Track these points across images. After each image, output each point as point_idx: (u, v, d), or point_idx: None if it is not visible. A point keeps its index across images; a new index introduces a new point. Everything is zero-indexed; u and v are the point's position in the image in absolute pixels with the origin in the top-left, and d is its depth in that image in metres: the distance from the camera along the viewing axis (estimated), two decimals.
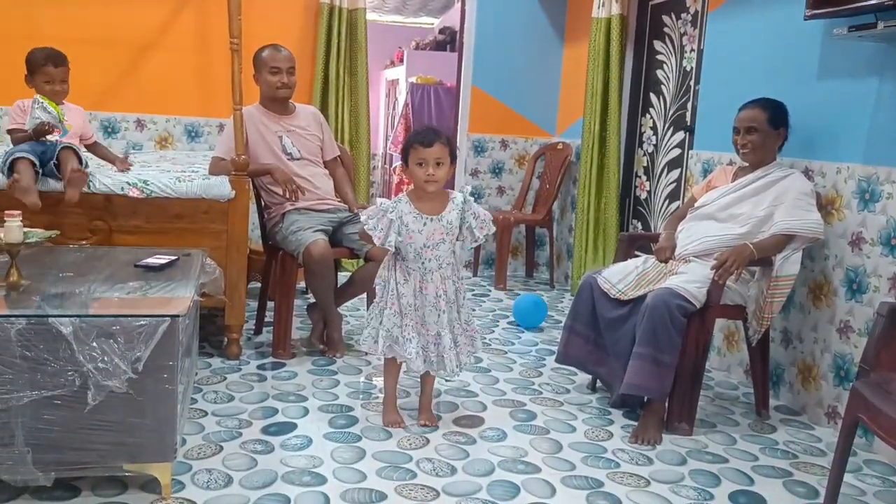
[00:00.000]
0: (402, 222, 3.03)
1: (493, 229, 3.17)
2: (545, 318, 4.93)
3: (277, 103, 4.12)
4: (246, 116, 3.94)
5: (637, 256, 3.69)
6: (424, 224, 3.03)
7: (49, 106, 3.53)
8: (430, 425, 3.20)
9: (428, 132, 3.03)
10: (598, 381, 3.73)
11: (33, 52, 3.59)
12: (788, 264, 3.27)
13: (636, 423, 3.31)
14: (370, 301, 3.93)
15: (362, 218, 3.11)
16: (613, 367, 3.44)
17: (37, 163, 3.39)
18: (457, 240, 3.12)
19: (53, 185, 3.48)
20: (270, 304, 4.25)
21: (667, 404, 3.27)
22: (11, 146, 3.53)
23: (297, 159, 4.11)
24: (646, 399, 3.30)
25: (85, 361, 2.26)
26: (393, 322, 3.09)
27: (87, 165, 3.64)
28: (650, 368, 3.13)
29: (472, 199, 3.11)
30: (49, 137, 3.48)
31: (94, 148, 3.94)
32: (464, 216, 3.07)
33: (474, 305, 5.35)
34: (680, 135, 5.06)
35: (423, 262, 3.07)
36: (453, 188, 3.34)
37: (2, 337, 2.23)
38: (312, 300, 4.23)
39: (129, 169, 3.85)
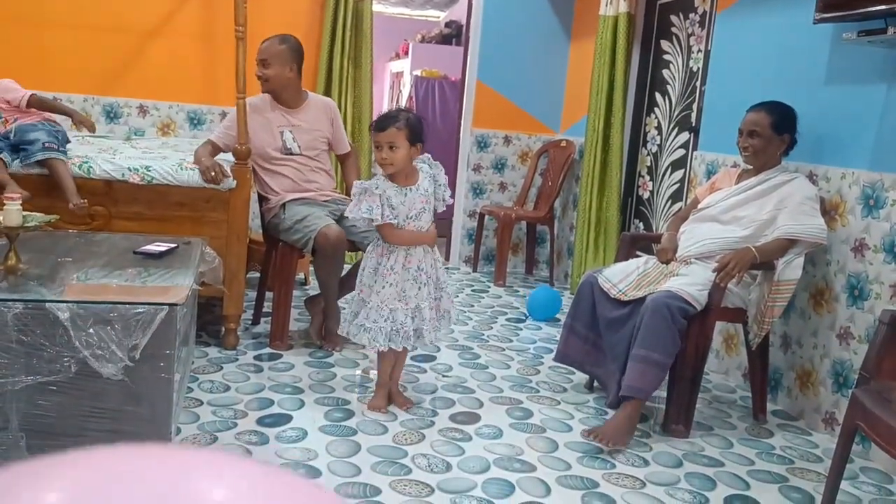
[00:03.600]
0: (387, 197, 3.07)
1: (428, 236, 3.20)
2: (559, 310, 5.02)
3: (277, 95, 4.07)
4: (253, 106, 3.91)
5: (638, 256, 3.67)
6: (406, 195, 3.10)
7: None
8: (410, 406, 3.29)
9: (385, 116, 3.10)
10: (595, 381, 3.72)
11: None
12: (790, 269, 3.25)
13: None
14: None
15: (350, 211, 3.12)
16: (611, 368, 3.43)
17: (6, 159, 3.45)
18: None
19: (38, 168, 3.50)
20: (269, 295, 4.24)
21: (665, 406, 3.25)
22: None
23: (296, 155, 4.09)
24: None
25: (81, 348, 2.25)
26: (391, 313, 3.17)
27: (62, 141, 3.64)
28: (649, 370, 3.11)
29: (436, 163, 3.19)
30: None
31: (38, 105, 3.71)
32: (436, 181, 3.14)
33: (472, 301, 5.34)
34: (684, 135, 5.04)
35: (428, 231, 3.18)
36: (453, 174, 3.39)
37: None
38: (311, 293, 4.21)
39: (91, 128, 3.81)
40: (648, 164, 5.47)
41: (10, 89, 3.64)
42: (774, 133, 3.40)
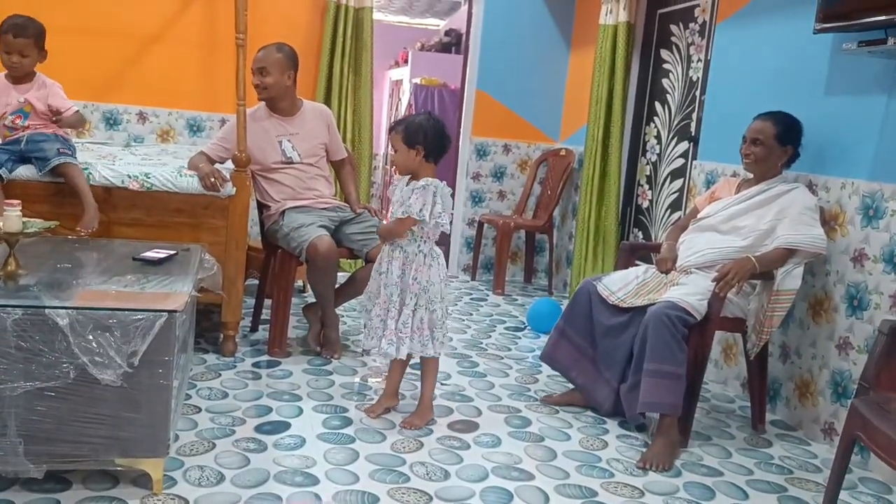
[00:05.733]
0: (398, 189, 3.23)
1: (402, 217, 3.09)
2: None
3: (274, 104, 4.06)
4: (252, 116, 3.91)
5: (637, 266, 3.67)
6: (399, 190, 3.19)
7: None
8: (407, 427, 3.19)
9: (396, 121, 3.24)
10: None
11: (6, 18, 3.43)
12: (790, 279, 3.25)
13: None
14: None
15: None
16: (605, 376, 3.42)
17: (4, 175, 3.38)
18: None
19: (52, 175, 3.47)
20: (268, 302, 4.24)
21: (659, 416, 3.21)
22: None
23: (296, 164, 4.08)
24: (658, 416, 3.21)
25: (80, 354, 2.24)
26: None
27: (73, 149, 3.60)
28: (664, 383, 3.08)
29: (432, 190, 3.08)
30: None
31: (77, 123, 3.67)
32: (410, 194, 3.11)
33: (471, 310, 5.33)
34: (684, 145, 5.04)
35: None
36: (452, 182, 3.37)
37: None
38: (309, 300, 4.20)
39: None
40: (648, 173, 5.47)
41: (59, 95, 3.54)
42: (777, 143, 3.40)
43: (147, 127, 5.58)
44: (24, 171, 3.47)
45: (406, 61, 9.49)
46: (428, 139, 3.09)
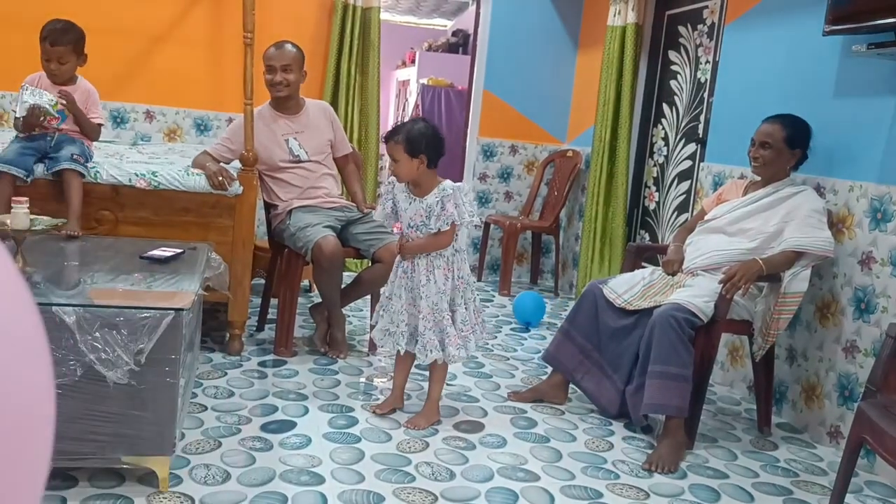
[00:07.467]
0: (396, 199, 3.20)
1: (447, 229, 3.09)
2: (543, 314, 5.09)
3: (282, 103, 4.07)
4: (257, 115, 3.91)
5: (644, 268, 3.66)
6: (410, 203, 3.15)
7: (39, 91, 3.42)
8: (411, 428, 3.18)
9: (390, 130, 3.18)
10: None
11: (46, 24, 3.49)
12: (797, 281, 3.25)
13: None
14: (375, 303, 3.92)
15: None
16: (612, 379, 3.42)
17: (22, 176, 3.36)
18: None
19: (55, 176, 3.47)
20: (274, 302, 4.24)
21: (665, 418, 3.20)
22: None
23: (305, 161, 4.09)
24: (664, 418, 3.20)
25: (87, 352, 2.25)
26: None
27: (89, 159, 3.60)
28: (670, 385, 3.08)
29: (460, 192, 3.10)
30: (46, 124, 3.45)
31: (94, 132, 3.71)
32: (442, 204, 3.09)
33: None
34: (691, 146, 5.03)
35: (409, 242, 3.19)
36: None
37: None
38: (315, 300, 4.20)
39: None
40: (655, 174, 5.46)
41: (97, 104, 3.65)
42: (787, 147, 3.39)
43: (154, 126, 5.59)
44: (34, 169, 3.48)
45: (413, 61, 9.51)
46: (429, 146, 3.08)
